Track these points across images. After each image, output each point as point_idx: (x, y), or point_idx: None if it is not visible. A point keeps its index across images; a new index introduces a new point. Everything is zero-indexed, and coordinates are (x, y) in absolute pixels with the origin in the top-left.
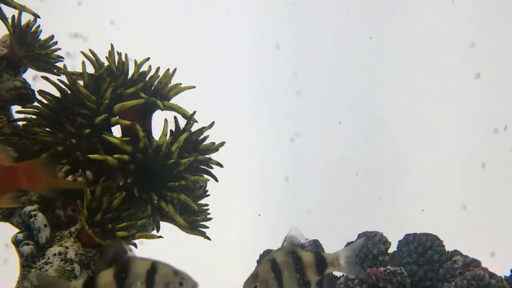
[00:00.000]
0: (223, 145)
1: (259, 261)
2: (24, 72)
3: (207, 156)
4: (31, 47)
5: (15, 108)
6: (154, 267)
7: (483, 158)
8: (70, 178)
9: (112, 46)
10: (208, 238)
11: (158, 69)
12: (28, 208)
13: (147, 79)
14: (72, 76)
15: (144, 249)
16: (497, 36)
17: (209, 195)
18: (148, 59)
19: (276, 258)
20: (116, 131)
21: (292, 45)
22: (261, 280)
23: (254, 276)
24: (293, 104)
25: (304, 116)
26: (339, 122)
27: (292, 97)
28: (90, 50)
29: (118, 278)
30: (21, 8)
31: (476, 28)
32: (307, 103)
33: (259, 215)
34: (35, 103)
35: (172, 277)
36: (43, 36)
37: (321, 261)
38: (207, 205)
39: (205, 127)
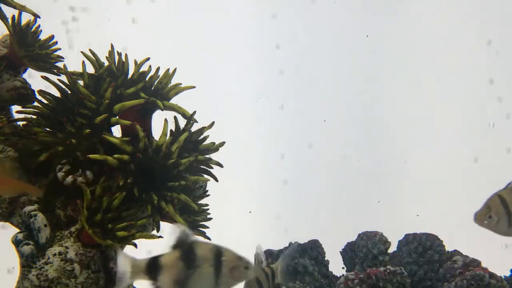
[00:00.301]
0: (223, 145)
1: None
2: (24, 72)
3: (207, 156)
4: (31, 47)
5: (15, 108)
6: (219, 251)
7: (483, 157)
8: (70, 178)
9: (112, 46)
10: (208, 238)
11: (158, 69)
12: (28, 208)
13: (147, 79)
14: (72, 76)
15: (144, 248)
16: (498, 36)
17: (209, 195)
18: (148, 59)
19: (259, 278)
20: (116, 131)
21: (292, 45)
22: None
23: None
24: (293, 104)
25: (304, 116)
26: (324, 120)
27: (292, 97)
28: (90, 50)
29: (185, 259)
30: (21, 8)
31: (476, 27)
32: (307, 103)
33: (250, 212)
34: (35, 103)
35: (238, 262)
36: (43, 36)
37: (273, 274)
38: (207, 205)
39: (205, 127)
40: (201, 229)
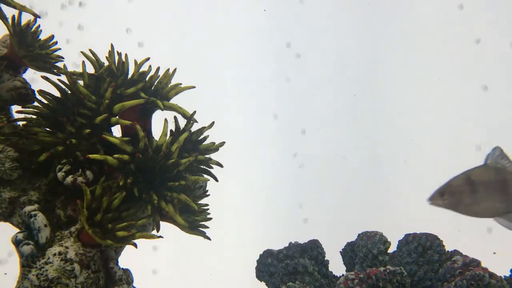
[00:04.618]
0: (223, 145)
1: (259, 261)
2: (24, 72)
3: (207, 156)
4: (31, 47)
5: (15, 108)
6: None
7: (483, 157)
8: (70, 178)
9: (112, 46)
10: (208, 238)
11: (158, 69)
12: (28, 208)
13: (147, 79)
14: (72, 76)
15: (144, 248)
16: (498, 37)
17: (209, 195)
18: (148, 59)
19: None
20: (116, 131)
21: (293, 45)
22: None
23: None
24: (294, 104)
25: (305, 116)
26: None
27: (293, 97)
28: (90, 50)
29: None
30: (21, 8)
31: (478, 28)
32: (308, 102)
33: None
34: (35, 103)
35: None
36: (43, 36)
37: None
38: (207, 205)
39: (205, 127)
40: (201, 229)
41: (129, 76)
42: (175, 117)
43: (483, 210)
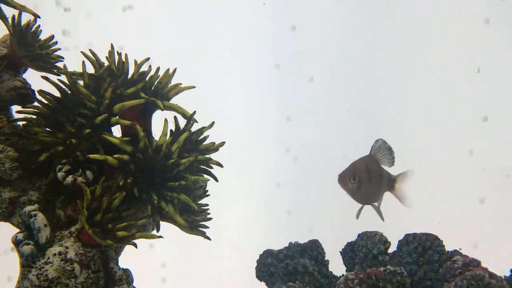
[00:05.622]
0: (223, 145)
1: (259, 261)
2: (24, 72)
3: (207, 156)
4: (31, 47)
5: (15, 108)
6: None
7: (483, 158)
8: (70, 178)
9: (112, 46)
10: (208, 238)
11: (158, 69)
12: (28, 208)
13: (147, 79)
14: (72, 76)
15: (144, 248)
16: (498, 36)
17: (209, 195)
18: (148, 59)
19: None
20: (116, 131)
21: (293, 45)
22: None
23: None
24: (294, 104)
25: (305, 116)
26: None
27: (293, 97)
28: (90, 50)
29: None
30: (21, 8)
31: (478, 26)
32: (308, 102)
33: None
34: (35, 103)
35: None
36: (43, 36)
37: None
38: (207, 205)
39: (205, 127)
40: (201, 229)
41: (129, 76)
42: (175, 117)
43: (364, 197)
